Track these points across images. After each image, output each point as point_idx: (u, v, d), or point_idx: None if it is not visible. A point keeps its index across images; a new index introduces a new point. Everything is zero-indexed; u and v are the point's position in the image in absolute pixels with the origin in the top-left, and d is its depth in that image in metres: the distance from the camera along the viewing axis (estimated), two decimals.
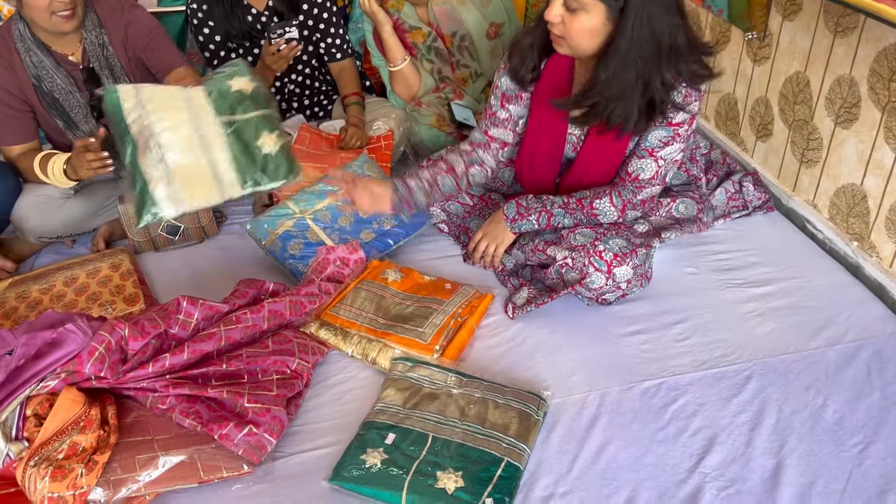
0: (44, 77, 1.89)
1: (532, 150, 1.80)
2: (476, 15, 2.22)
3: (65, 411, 1.32)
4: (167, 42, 2.04)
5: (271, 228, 1.90)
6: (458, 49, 2.28)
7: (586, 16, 1.49)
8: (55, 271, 1.89)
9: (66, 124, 1.97)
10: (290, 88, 2.41)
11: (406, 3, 2.24)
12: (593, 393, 1.54)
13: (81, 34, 1.91)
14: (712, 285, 1.83)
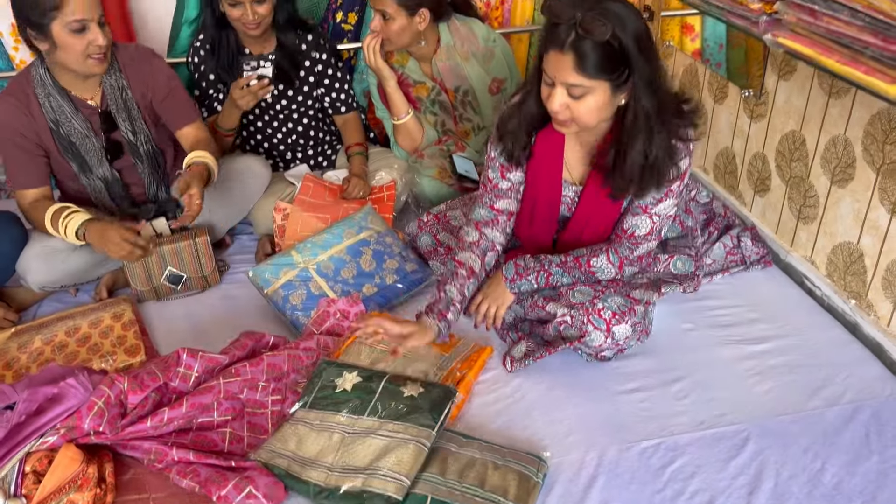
0: (62, 121, 1.93)
1: (530, 211, 1.82)
2: (479, 71, 2.26)
3: (63, 469, 1.33)
4: (184, 95, 2.08)
5: (273, 277, 1.92)
6: (461, 103, 2.32)
7: (592, 97, 1.49)
8: (57, 321, 1.90)
9: (81, 168, 2.00)
10: (293, 138, 2.44)
11: (410, 59, 2.29)
12: (591, 453, 1.54)
13: (101, 79, 1.95)
14: (710, 342, 1.84)
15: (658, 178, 1.59)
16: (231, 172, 2.20)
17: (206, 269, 2.07)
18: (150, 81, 2.02)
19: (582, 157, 1.71)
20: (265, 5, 2.09)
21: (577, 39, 1.41)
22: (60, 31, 1.77)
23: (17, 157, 1.93)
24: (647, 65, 1.47)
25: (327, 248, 2.01)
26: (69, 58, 1.83)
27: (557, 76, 1.46)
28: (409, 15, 2.11)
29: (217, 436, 1.54)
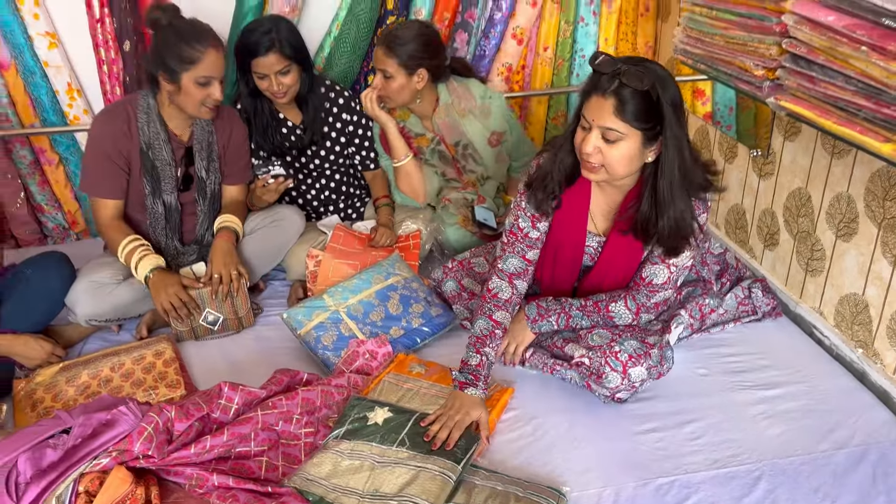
0: (153, 146, 2.13)
1: (553, 260, 1.93)
2: (477, 126, 2.41)
3: (114, 489, 1.42)
4: (246, 158, 2.37)
5: (306, 319, 2.04)
6: (462, 156, 2.46)
7: (624, 143, 1.61)
8: (102, 357, 2.01)
9: (153, 190, 2.18)
10: (326, 193, 2.59)
11: (412, 115, 2.45)
12: (609, 489, 1.61)
13: (194, 120, 2.19)
14: (724, 387, 1.92)
15: (681, 235, 1.70)
16: (268, 221, 2.34)
17: (241, 312, 2.19)
18: (231, 135, 2.28)
19: (607, 211, 1.83)
20: (290, 76, 2.27)
21: (619, 87, 1.56)
22: (189, 81, 2.02)
23: (104, 167, 2.12)
24: (678, 127, 1.60)
25: (357, 293, 2.13)
26: (187, 103, 2.07)
27: (596, 119, 1.59)
28: (408, 74, 2.29)
29: (254, 464, 1.63)
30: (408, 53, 2.25)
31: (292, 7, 2.55)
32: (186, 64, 2.01)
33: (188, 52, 2.00)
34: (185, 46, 2.00)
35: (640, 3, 2.89)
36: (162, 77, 2.06)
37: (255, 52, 2.21)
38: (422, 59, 2.28)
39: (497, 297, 1.89)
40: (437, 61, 2.34)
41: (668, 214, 1.67)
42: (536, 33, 2.87)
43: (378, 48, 2.29)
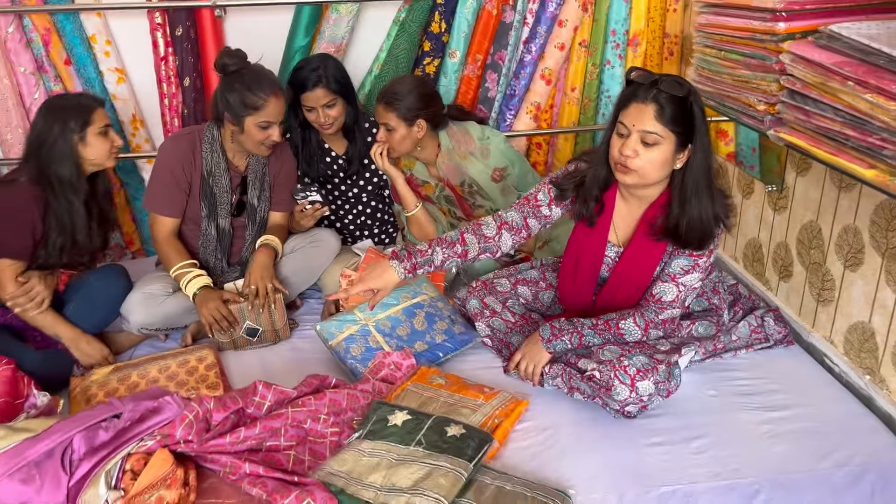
0: (214, 173, 2.35)
1: (574, 268, 2.06)
2: (479, 165, 2.56)
3: (156, 469, 1.57)
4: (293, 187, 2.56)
5: (337, 331, 2.19)
6: (469, 194, 2.61)
7: (661, 147, 1.78)
8: (150, 361, 2.19)
9: (209, 213, 2.39)
10: (361, 220, 2.77)
11: (417, 162, 2.63)
12: (612, 493, 1.70)
13: (250, 153, 2.40)
14: (731, 407, 1.99)
15: (702, 236, 1.85)
16: (307, 242, 2.53)
17: (278, 325, 2.36)
18: (282, 167, 2.50)
19: (629, 221, 1.97)
20: (335, 109, 2.47)
21: (658, 94, 1.74)
22: (251, 124, 2.25)
23: (169, 186, 2.33)
24: (706, 136, 1.79)
25: (385, 309, 2.28)
26: (247, 142, 2.30)
27: (636, 124, 1.76)
28: (408, 126, 2.45)
29: (283, 457, 1.76)
30: (406, 107, 2.42)
31: (337, 48, 2.78)
32: (250, 109, 2.22)
33: (252, 99, 2.22)
34: (249, 94, 2.21)
35: (665, 48, 3.04)
36: (227, 118, 2.27)
37: (304, 86, 2.42)
38: (419, 110, 2.43)
39: (480, 227, 2.02)
40: (434, 110, 2.50)
41: (692, 214, 1.81)
42: (565, 75, 3.03)
43: (378, 104, 2.46)
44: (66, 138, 2.11)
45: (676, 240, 1.88)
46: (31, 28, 2.62)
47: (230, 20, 2.76)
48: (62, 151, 2.11)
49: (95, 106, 2.17)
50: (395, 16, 2.81)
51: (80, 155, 2.15)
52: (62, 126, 2.11)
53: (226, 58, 2.24)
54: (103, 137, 2.17)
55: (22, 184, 2.09)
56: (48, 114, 2.14)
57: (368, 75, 2.89)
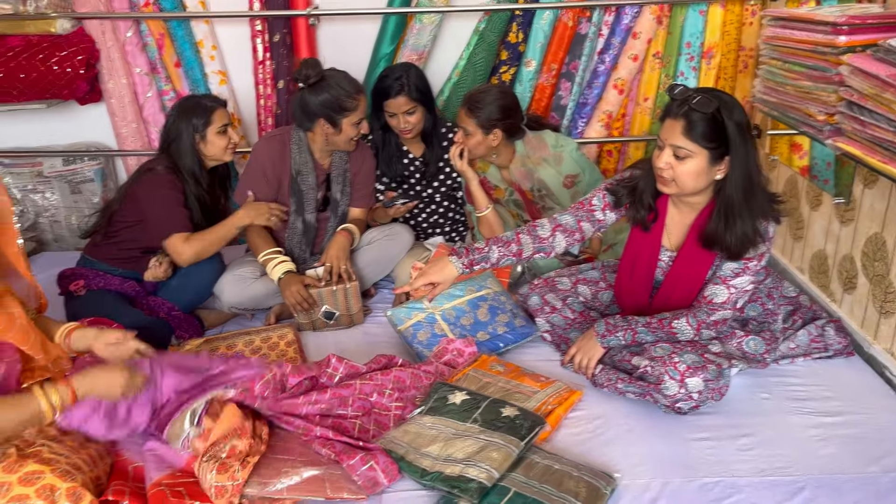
0: (302, 172, 2.57)
1: (631, 271, 2.16)
2: (551, 172, 2.66)
3: (228, 421, 1.77)
4: (371, 186, 2.77)
5: (406, 318, 2.35)
6: (539, 198, 2.72)
7: (692, 160, 1.87)
8: (237, 336, 2.42)
9: (297, 209, 2.61)
10: (434, 218, 2.94)
11: (491, 166, 2.75)
12: (656, 480, 1.78)
13: (333, 152, 2.61)
14: (783, 410, 2.04)
15: (743, 246, 1.91)
16: (383, 235, 2.71)
17: (353, 310, 2.55)
18: (362, 165, 2.70)
19: (681, 226, 2.06)
20: (415, 115, 2.64)
21: (688, 111, 1.82)
22: (347, 124, 2.48)
23: (258, 181, 2.57)
24: (743, 148, 1.84)
25: (451, 300, 2.43)
26: (341, 140, 2.52)
27: (668, 139, 1.86)
28: (485, 133, 2.58)
29: (349, 425, 1.94)
30: (485, 116, 2.55)
31: (419, 55, 2.96)
32: (348, 111, 2.45)
33: (347, 102, 2.43)
34: (345, 98, 2.43)
35: (739, 61, 3.08)
36: (322, 123, 2.48)
37: (387, 94, 2.60)
38: (497, 120, 2.56)
39: (535, 228, 2.13)
40: (512, 122, 2.61)
41: (731, 226, 1.88)
42: (637, 85, 3.12)
43: (461, 108, 2.60)
44: (190, 135, 2.39)
45: (717, 248, 1.95)
46: (147, 33, 2.92)
47: (322, 28, 2.99)
48: (186, 147, 2.40)
49: (216, 106, 2.43)
50: (476, 26, 2.97)
51: (201, 151, 2.43)
52: (187, 124, 2.39)
53: (306, 69, 2.44)
54: (222, 135, 2.43)
55: (160, 171, 2.38)
56: (178, 112, 2.42)
57: (448, 82, 3.06)
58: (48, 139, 3.13)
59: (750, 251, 1.94)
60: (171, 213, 2.36)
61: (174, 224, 2.36)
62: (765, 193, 1.92)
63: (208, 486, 1.68)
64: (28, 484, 1.53)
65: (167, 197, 2.36)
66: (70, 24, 2.79)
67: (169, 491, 1.66)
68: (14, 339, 1.65)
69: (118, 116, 2.97)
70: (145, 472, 1.74)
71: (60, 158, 3.08)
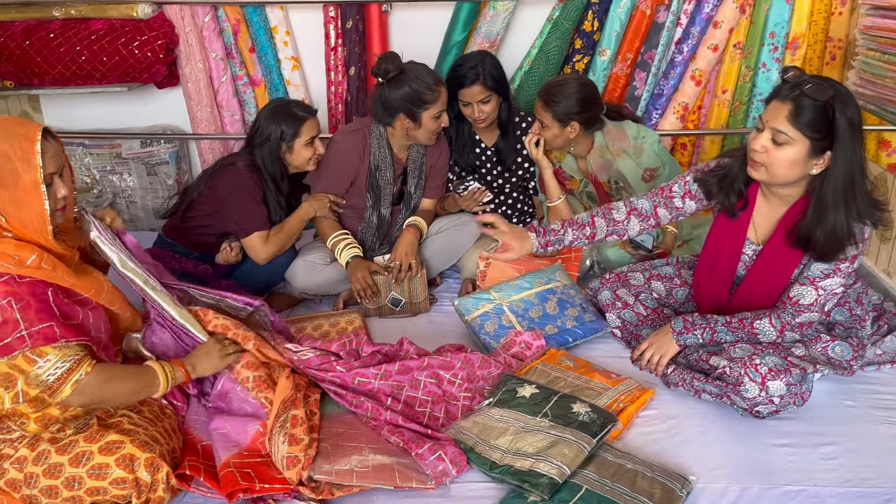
0: (381, 167, 2.57)
1: (712, 262, 2.08)
2: (630, 164, 2.58)
3: (281, 392, 1.83)
4: (443, 178, 2.76)
5: (474, 308, 2.33)
6: (616, 190, 2.64)
7: (791, 148, 1.77)
8: (306, 319, 2.44)
9: (374, 203, 2.61)
10: (503, 209, 2.90)
11: (567, 156, 2.68)
12: (735, 486, 1.72)
13: (410, 145, 2.60)
14: (869, 419, 1.94)
15: (834, 248, 1.81)
16: (452, 225, 2.70)
17: (419, 298, 2.54)
18: (439, 157, 2.69)
19: (769, 219, 1.96)
20: (490, 105, 2.60)
21: (799, 95, 1.72)
22: (428, 118, 2.46)
23: (336, 174, 2.57)
24: (850, 145, 1.72)
25: (519, 292, 2.39)
26: (422, 134, 2.51)
27: (770, 121, 1.77)
28: (562, 126, 2.51)
29: (419, 412, 1.93)
30: (563, 110, 2.48)
31: (491, 43, 2.92)
32: (428, 104, 2.42)
33: (427, 95, 2.41)
34: (424, 91, 2.41)
35: (827, 52, 2.94)
36: (402, 118, 2.46)
37: (461, 83, 2.56)
38: (575, 114, 2.49)
39: (610, 211, 2.11)
40: (590, 114, 2.54)
41: (826, 224, 1.78)
42: (716, 76, 3.01)
43: (538, 100, 2.54)
44: (276, 142, 2.40)
45: (807, 247, 1.86)
46: (223, 18, 2.96)
47: (395, 15, 2.98)
48: (272, 152, 2.41)
49: (307, 117, 2.43)
50: (550, 14, 2.92)
51: (286, 158, 2.45)
52: (277, 131, 2.40)
53: (385, 63, 2.42)
54: (308, 146, 2.45)
55: (241, 167, 2.40)
56: (270, 115, 2.42)
57: (519, 70, 3.02)
58: (127, 122, 3.21)
59: (841, 253, 1.84)
60: (251, 211, 2.38)
61: (254, 222, 2.38)
62: (867, 198, 1.81)
63: (280, 458, 1.70)
64: (109, 453, 1.58)
65: (247, 193, 2.38)
66: (151, 9, 2.85)
67: (238, 473, 1.68)
68: (106, 300, 1.71)
69: (193, 100, 3.03)
70: (214, 451, 1.77)
71: (138, 141, 3.16)
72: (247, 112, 3.12)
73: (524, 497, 1.66)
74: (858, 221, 1.81)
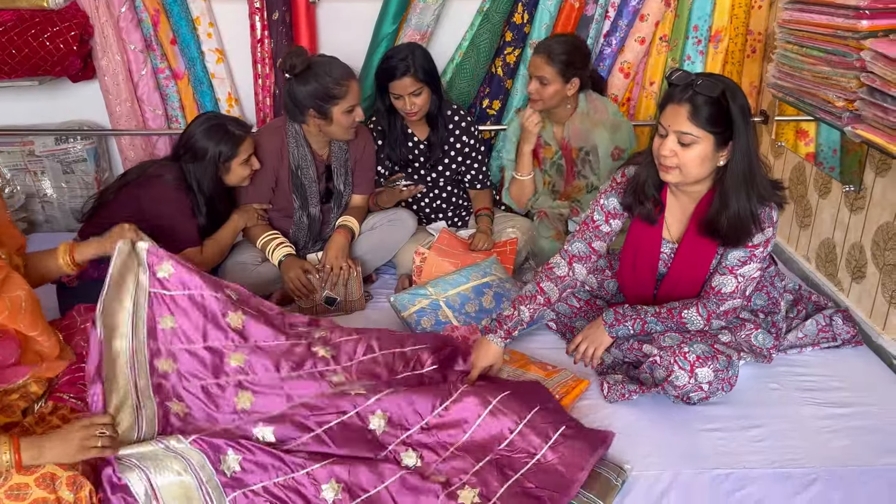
0: (302, 166, 2.50)
1: (633, 265, 2.12)
2: (605, 137, 2.62)
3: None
4: (372, 173, 2.71)
5: (410, 304, 2.31)
6: (581, 161, 2.67)
7: (699, 146, 1.81)
8: None
9: (302, 204, 2.55)
10: (437, 203, 2.88)
11: (548, 123, 2.69)
12: (667, 472, 1.76)
13: (330, 141, 2.53)
14: (793, 401, 2.01)
15: (740, 233, 1.86)
16: (386, 221, 2.66)
17: (354, 296, 2.50)
18: (363, 151, 2.63)
19: (680, 217, 2.01)
20: (421, 97, 2.58)
21: (693, 95, 1.77)
22: (338, 113, 2.38)
23: (258, 180, 2.49)
24: (744, 132, 1.79)
25: (456, 286, 2.38)
26: (336, 130, 2.43)
27: (672, 125, 1.80)
28: (564, 82, 2.52)
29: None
30: (564, 63, 2.49)
31: (422, 35, 2.89)
32: (336, 100, 2.35)
33: (335, 89, 2.34)
34: (331, 86, 2.34)
35: (747, 45, 3.03)
36: (311, 114, 2.39)
37: (392, 75, 2.53)
38: (577, 69, 2.51)
39: (552, 270, 2.10)
40: (587, 72, 2.58)
41: (730, 209, 1.83)
42: (644, 68, 3.07)
43: (537, 57, 2.52)
44: (212, 162, 2.32)
45: (715, 234, 1.91)
46: (141, 9, 2.83)
47: (322, 6, 2.92)
48: (206, 170, 2.33)
49: (244, 136, 2.36)
50: (480, 6, 2.91)
51: (221, 177, 2.38)
52: (214, 151, 2.31)
53: (292, 59, 2.35)
54: (245, 165, 2.39)
55: (170, 182, 2.30)
56: (206, 134, 2.32)
57: (450, 63, 3.00)
58: (41, 118, 3.05)
59: (756, 237, 1.90)
60: (184, 227, 2.31)
61: (185, 239, 2.30)
62: (765, 179, 1.88)
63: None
64: (28, 472, 1.49)
65: (177, 209, 2.30)
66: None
67: None
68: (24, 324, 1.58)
69: (112, 94, 2.89)
70: None
71: (52, 137, 3.00)
72: (169, 107, 3.00)
73: None
74: (762, 204, 1.87)
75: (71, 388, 1.72)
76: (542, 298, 2.07)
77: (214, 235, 2.42)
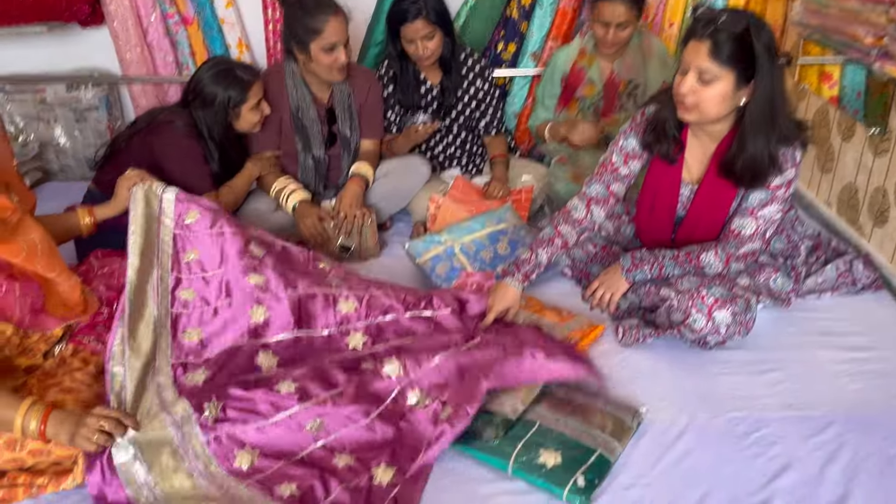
0: (301, 108, 2.48)
1: (651, 207, 2.09)
2: (657, 72, 2.59)
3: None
4: (380, 117, 2.66)
5: (425, 250, 2.30)
6: (627, 95, 2.63)
7: (719, 84, 1.77)
8: None
9: (304, 146, 2.53)
10: (451, 150, 2.85)
11: (597, 60, 2.63)
12: (683, 414, 1.76)
13: (332, 83, 2.49)
14: (811, 345, 2.00)
15: (756, 175, 1.83)
16: (400, 168, 2.63)
17: (369, 243, 2.49)
18: (367, 95, 2.58)
19: (701, 157, 1.97)
20: (434, 41, 2.52)
21: (715, 31, 1.72)
22: (316, 49, 2.32)
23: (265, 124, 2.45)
24: (769, 70, 1.74)
25: (471, 233, 2.37)
26: (319, 68, 2.38)
27: (693, 61, 1.76)
28: (637, 17, 2.50)
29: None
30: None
31: None
32: (312, 34, 2.29)
33: (312, 23, 2.28)
34: (309, 19, 2.28)
35: None
36: (295, 49, 2.35)
37: (403, 19, 2.47)
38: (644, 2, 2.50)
39: (569, 213, 2.08)
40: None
41: (747, 152, 1.80)
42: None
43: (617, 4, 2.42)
44: (223, 107, 2.29)
45: (731, 177, 1.87)
46: None
47: None
48: (216, 116, 2.31)
49: (253, 81, 2.32)
50: None
51: (231, 123, 2.35)
52: (223, 96, 2.28)
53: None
54: (255, 110, 2.35)
55: (180, 128, 2.28)
56: (214, 79, 2.29)
57: (464, 6, 2.93)
58: (51, 65, 3.02)
59: (776, 178, 1.86)
60: (196, 174, 2.28)
61: (199, 185, 2.26)
62: (788, 119, 1.84)
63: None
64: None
65: (189, 156, 2.28)
66: None
67: None
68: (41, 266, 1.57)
69: (121, 40, 2.85)
70: None
71: (63, 85, 2.97)
72: (180, 53, 2.96)
73: (479, 436, 1.66)
74: (785, 144, 1.83)
75: (91, 331, 1.74)
76: (560, 241, 2.06)
77: (229, 182, 2.42)
